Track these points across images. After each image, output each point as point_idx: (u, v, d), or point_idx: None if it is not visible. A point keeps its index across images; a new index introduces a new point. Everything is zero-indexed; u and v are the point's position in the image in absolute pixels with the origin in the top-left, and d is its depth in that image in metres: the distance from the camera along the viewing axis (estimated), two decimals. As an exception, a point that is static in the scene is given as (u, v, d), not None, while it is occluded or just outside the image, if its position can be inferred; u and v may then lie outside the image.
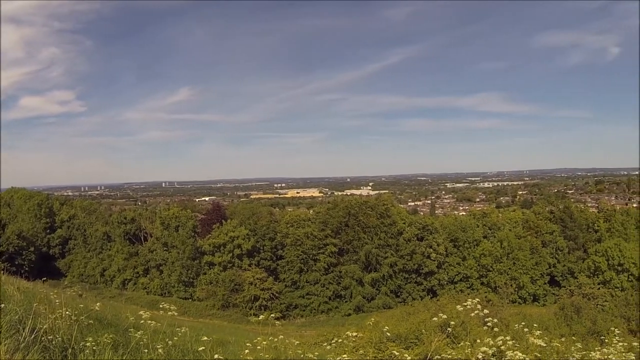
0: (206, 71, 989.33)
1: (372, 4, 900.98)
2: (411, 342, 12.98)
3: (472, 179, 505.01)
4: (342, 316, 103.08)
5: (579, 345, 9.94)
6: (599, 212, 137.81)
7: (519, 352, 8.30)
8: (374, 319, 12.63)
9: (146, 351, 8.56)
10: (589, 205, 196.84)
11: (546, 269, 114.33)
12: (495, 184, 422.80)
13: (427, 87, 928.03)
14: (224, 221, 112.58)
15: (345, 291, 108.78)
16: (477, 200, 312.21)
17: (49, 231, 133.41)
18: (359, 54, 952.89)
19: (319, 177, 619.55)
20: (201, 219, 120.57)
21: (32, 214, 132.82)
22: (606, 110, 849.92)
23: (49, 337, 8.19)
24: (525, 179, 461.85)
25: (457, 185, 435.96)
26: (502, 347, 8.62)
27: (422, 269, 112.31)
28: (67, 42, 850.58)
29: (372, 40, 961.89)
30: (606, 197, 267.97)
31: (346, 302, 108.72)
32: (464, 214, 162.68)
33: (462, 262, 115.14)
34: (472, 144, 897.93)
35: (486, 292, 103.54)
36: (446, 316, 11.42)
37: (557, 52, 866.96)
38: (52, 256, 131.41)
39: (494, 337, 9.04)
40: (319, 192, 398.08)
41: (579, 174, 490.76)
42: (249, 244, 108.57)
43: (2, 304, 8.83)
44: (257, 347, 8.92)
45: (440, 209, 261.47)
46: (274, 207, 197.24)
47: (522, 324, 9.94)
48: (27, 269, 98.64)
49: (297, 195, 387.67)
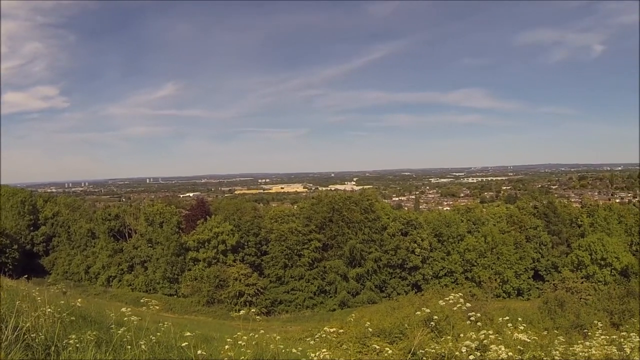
0: (190, 67, 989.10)
1: (353, 1, 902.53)
2: (395, 337, 13.03)
3: (457, 174, 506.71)
4: (327, 311, 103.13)
5: (562, 338, 10.00)
6: (582, 207, 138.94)
7: (502, 346, 8.34)
8: (355, 314, 12.68)
9: (129, 348, 8.54)
10: (573, 200, 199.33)
11: (530, 264, 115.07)
12: (479, 179, 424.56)
13: (411, 83, 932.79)
14: (208, 217, 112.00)
15: (329, 286, 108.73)
16: (462, 195, 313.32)
17: (32, 228, 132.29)
18: (343, 49, 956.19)
19: (303, 172, 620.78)
20: (185, 215, 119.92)
21: (15, 211, 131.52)
22: (589, 107, 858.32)
23: (32, 335, 8.16)
24: (509, 174, 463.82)
25: (442, 180, 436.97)
26: (485, 341, 8.67)
27: (407, 263, 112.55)
28: (50, 37, 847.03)
29: (355, 35, 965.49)
30: (589, 193, 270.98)
31: (331, 297, 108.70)
32: (448, 209, 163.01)
33: (446, 257, 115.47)
34: (456, 139, 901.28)
35: (470, 287, 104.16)
36: (429, 310, 11.48)
37: (540, 49, 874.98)
38: (36, 254, 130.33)
39: (477, 331, 9.09)
40: (303, 188, 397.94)
41: (563, 169, 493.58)
42: (234, 240, 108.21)
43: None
44: (239, 343, 8.90)
45: (424, 204, 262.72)
46: (258, 203, 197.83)
47: (506, 318, 9.99)
48: (10, 267, 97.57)
49: (281, 190, 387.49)
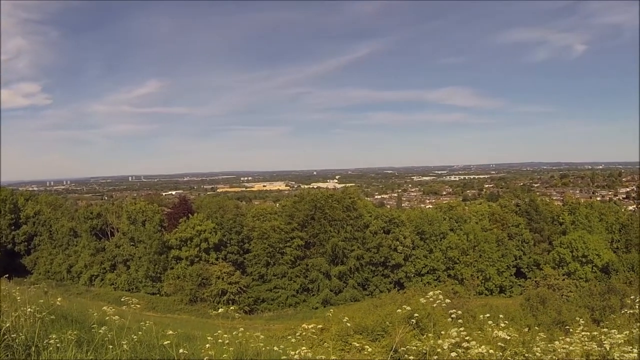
0: (173, 64, 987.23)
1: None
2: (378, 335, 13.11)
3: (439, 172, 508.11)
4: (310, 309, 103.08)
5: (543, 335, 10.07)
6: (563, 205, 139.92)
7: (483, 344, 8.40)
8: (332, 310, 12.68)
9: (111, 347, 8.51)
10: (554, 198, 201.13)
11: (512, 261, 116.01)
12: (461, 177, 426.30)
13: (394, 81, 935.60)
14: (190, 215, 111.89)
15: (312, 284, 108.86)
16: (444, 193, 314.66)
17: (13, 227, 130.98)
18: (327, 47, 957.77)
19: (286, 170, 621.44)
20: (168, 213, 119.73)
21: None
22: (571, 106, 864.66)
23: (12, 335, 8.13)
24: (491, 172, 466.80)
25: (424, 178, 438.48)
26: (467, 337, 8.72)
27: (389, 261, 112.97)
28: (33, 33, 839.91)
29: (340, 33, 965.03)
30: (571, 191, 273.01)
31: (313, 295, 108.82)
32: (431, 207, 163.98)
33: (428, 254, 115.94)
34: (439, 137, 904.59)
35: (453, 284, 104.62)
36: (410, 308, 11.53)
37: (523, 48, 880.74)
38: (17, 253, 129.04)
39: (458, 328, 9.14)
40: (286, 186, 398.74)
41: (545, 168, 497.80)
42: (216, 238, 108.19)
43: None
44: (219, 341, 8.90)
45: (406, 202, 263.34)
46: (241, 201, 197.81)
47: (487, 315, 10.04)
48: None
49: (264, 188, 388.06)
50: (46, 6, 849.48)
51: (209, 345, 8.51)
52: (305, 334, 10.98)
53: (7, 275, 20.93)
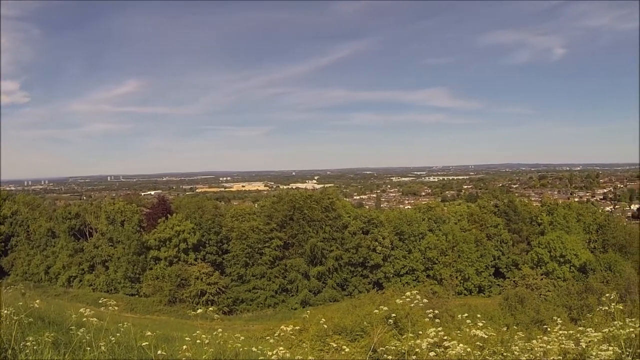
0: (153, 63, 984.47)
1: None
2: (357, 335, 13.15)
3: (418, 173, 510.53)
4: (289, 310, 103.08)
5: (522, 334, 10.15)
6: (542, 205, 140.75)
7: (462, 343, 8.45)
8: (310, 311, 12.71)
9: (89, 349, 8.47)
10: (533, 199, 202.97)
11: (491, 261, 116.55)
12: (440, 178, 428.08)
13: (375, 82, 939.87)
14: (169, 215, 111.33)
15: (291, 285, 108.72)
16: (423, 194, 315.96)
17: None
18: (308, 48, 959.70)
19: (265, 170, 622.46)
20: (147, 213, 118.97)
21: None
22: (550, 108, 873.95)
23: (-12, 337, 8.07)
24: (470, 173, 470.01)
25: (403, 179, 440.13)
26: (446, 337, 8.76)
27: (368, 262, 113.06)
28: (13, 30, 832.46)
29: (321, 34, 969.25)
30: (549, 192, 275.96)
31: (293, 296, 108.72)
32: (410, 207, 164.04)
33: (407, 255, 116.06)
34: (418, 138, 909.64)
35: (432, 285, 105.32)
36: (387, 308, 11.57)
37: (503, 50, 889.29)
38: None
39: (437, 328, 9.18)
40: (264, 186, 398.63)
41: (523, 169, 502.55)
42: (195, 238, 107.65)
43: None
44: (197, 341, 8.88)
45: (385, 203, 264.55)
46: (220, 201, 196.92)
47: (465, 315, 10.10)
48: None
49: (243, 188, 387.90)
50: (27, 4, 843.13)
51: (186, 346, 8.49)
52: (284, 334, 11.00)
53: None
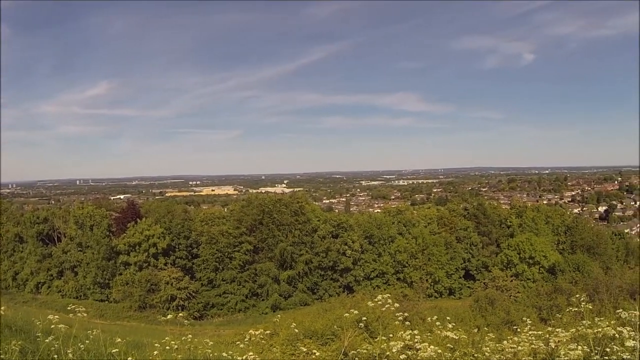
0: (124, 65, 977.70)
1: (293, 2, 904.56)
2: (328, 339, 13.14)
3: (388, 177, 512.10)
4: (260, 314, 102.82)
5: (492, 335, 10.24)
6: (511, 208, 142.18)
7: (433, 345, 8.50)
8: (280, 315, 12.70)
9: (56, 357, 8.37)
10: (502, 202, 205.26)
11: (461, 264, 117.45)
12: (410, 182, 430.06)
13: (345, 86, 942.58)
14: (139, 220, 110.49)
15: (261, 289, 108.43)
16: (392, 197, 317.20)
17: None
18: (279, 51, 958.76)
19: (234, 174, 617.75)
20: (116, 218, 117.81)
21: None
22: (518, 112, 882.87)
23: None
24: (440, 177, 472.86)
25: (372, 183, 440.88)
26: (417, 339, 8.81)
27: (338, 265, 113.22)
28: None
29: (292, 37, 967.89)
30: (518, 195, 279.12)
31: (263, 300, 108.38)
32: (379, 211, 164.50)
33: (377, 258, 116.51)
34: (388, 142, 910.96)
35: (402, 287, 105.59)
36: (357, 312, 11.60)
37: (473, 55, 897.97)
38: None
39: (405, 330, 9.22)
40: (234, 190, 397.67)
41: (492, 172, 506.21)
42: (164, 243, 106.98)
43: None
44: (167, 348, 8.83)
45: (355, 207, 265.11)
46: (189, 205, 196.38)
47: (435, 317, 10.18)
48: None
49: (212, 192, 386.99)
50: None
51: (157, 352, 8.44)
52: (254, 339, 10.97)
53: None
